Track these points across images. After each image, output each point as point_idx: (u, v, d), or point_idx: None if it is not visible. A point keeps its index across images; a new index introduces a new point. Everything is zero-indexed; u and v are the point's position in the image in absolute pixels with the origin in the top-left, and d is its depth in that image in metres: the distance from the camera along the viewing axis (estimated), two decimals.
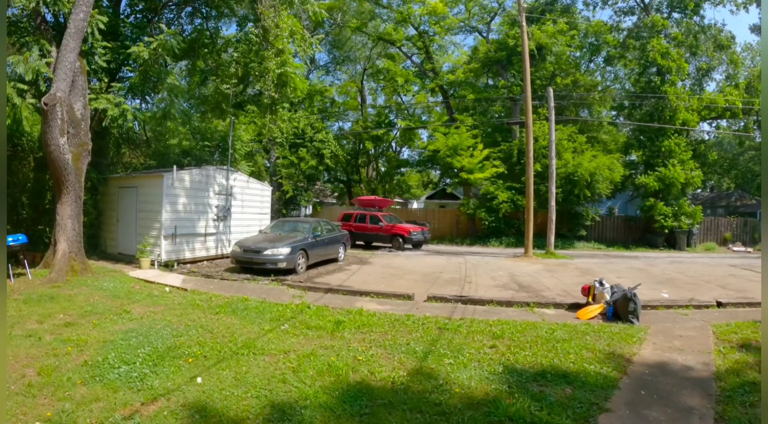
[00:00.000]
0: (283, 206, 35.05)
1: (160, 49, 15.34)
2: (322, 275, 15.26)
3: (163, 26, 16.57)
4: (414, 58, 43.30)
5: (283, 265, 14.71)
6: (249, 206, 20.12)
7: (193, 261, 17.02)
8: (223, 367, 6.50)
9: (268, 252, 14.69)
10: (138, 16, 18.94)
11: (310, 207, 38.34)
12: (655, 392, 6.32)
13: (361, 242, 27.20)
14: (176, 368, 6.42)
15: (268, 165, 35.37)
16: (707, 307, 12.01)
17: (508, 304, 11.59)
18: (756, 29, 51.80)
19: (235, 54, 18.80)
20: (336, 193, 50.73)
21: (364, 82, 47.88)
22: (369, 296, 12.02)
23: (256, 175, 28.30)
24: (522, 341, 8.19)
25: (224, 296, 11.36)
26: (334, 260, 18.66)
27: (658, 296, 12.88)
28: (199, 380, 6.03)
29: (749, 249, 32.81)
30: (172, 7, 19.77)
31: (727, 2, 37.48)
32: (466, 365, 6.86)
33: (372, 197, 30.10)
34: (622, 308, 10.34)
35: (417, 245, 27.17)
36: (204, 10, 19.72)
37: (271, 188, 23.06)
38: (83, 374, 6.09)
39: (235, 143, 23.80)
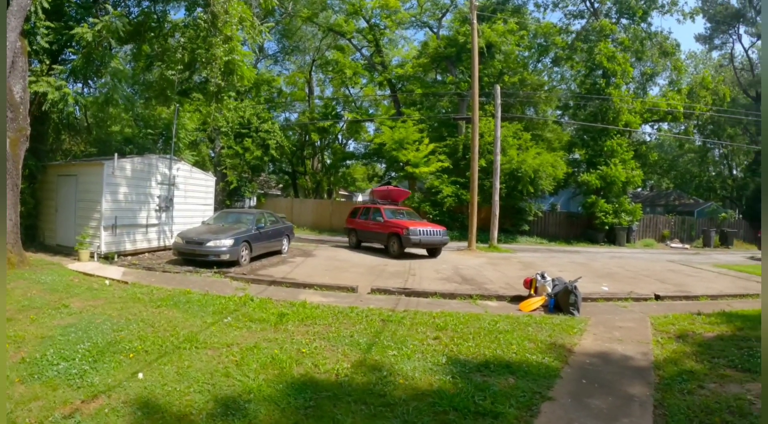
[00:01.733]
0: (227, 197, 34.63)
1: (104, 32, 14.88)
2: (265, 268, 15.17)
3: (109, 7, 16.10)
4: (364, 50, 43.35)
5: (226, 257, 14.53)
6: (192, 197, 19.78)
7: (135, 253, 16.59)
8: (165, 362, 6.39)
9: (210, 244, 14.47)
10: None
11: (255, 199, 37.97)
12: (596, 381, 6.52)
13: (371, 244, 22.43)
14: (117, 363, 6.29)
15: (213, 155, 34.86)
16: (646, 300, 12.61)
17: (452, 296, 11.81)
18: (700, 38, 53.99)
19: (183, 39, 18.19)
20: (281, 185, 50.41)
21: (313, 74, 47.66)
22: (313, 289, 12.04)
23: (200, 165, 27.69)
24: (465, 333, 8.34)
25: (166, 288, 11.18)
26: (278, 252, 18.58)
27: (599, 289, 13.36)
28: (140, 375, 5.91)
29: (686, 246, 34.54)
30: None
31: (675, 12, 39.47)
32: (410, 357, 6.95)
33: (385, 188, 24.53)
34: (563, 301, 10.69)
35: (431, 252, 20.59)
36: None
37: (214, 179, 22.71)
38: (21, 371, 5.92)
39: (179, 132, 23.31)
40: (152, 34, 18.77)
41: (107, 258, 15.21)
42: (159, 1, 19.07)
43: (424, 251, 20.65)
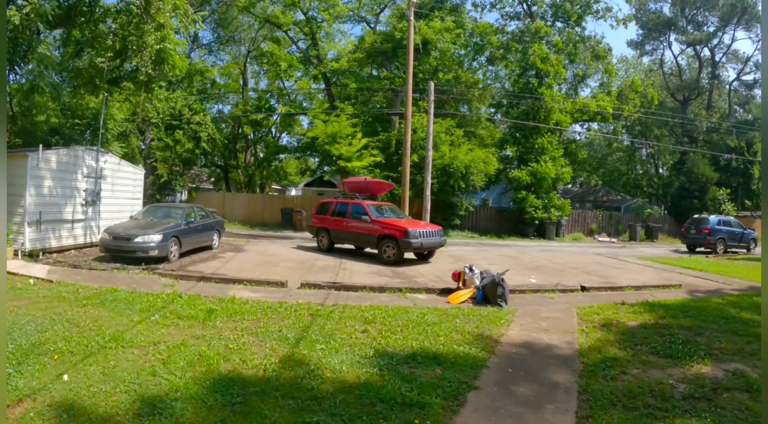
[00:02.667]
0: (157, 191, 33.96)
1: (33, 14, 14.33)
2: (195, 263, 15.16)
3: None
4: (300, 43, 43.14)
5: (154, 253, 14.34)
6: (120, 191, 19.42)
7: (61, 250, 16.19)
8: (90, 362, 6.29)
9: (138, 239, 14.28)
10: None
11: (186, 193, 37.45)
12: (522, 370, 6.80)
13: (346, 246, 19.99)
14: (42, 365, 6.15)
15: (143, 147, 34.18)
16: (572, 291, 13.21)
17: (381, 290, 12.02)
18: (632, 44, 56.75)
19: (114, 25, 17.60)
20: (213, 179, 49.86)
21: (248, 65, 47.12)
22: (242, 284, 12.04)
23: (129, 157, 27.19)
24: (393, 326, 8.54)
25: (92, 286, 10.95)
26: (209, 248, 18.47)
27: (527, 282, 13.91)
28: (65, 377, 5.80)
29: (614, 240, 36.32)
30: None
31: (609, 17, 41.35)
32: (338, 350, 7.07)
33: (361, 179, 22.00)
34: (491, 293, 11.06)
35: (424, 255, 18.49)
36: None
37: (143, 172, 22.29)
38: None
39: (108, 122, 22.85)
40: (83, 18, 17.92)
41: (32, 255, 14.85)
42: None
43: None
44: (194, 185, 41.29)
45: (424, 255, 18.31)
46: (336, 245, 19.90)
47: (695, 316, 10.40)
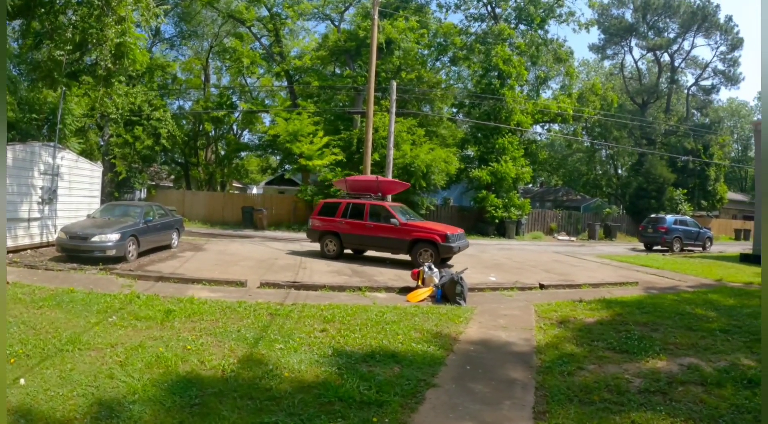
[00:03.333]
0: (116, 189, 33.52)
1: None
2: (154, 263, 14.94)
3: None
4: (263, 40, 43.13)
5: (112, 252, 14.05)
6: (78, 188, 19.05)
7: (16, 250, 15.78)
8: (47, 365, 6.17)
9: (96, 239, 13.97)
10: None
11: (145, 190, 37.04)
12: (480, 367, 6.90)
13: (354, 251, 18.64)
14: None
15: (102, 143, 33.75)
16: (531, 289, 13.53)
17: (341, 289, 12.03)
18: (593, 48, 58.43)
19: (75, 17, 17.09)
20: (173, 177, 49.38)
21: (210, 61, 46.84)
22: (201, 284, 11.91)
23: (87, 153, 26.79)
24: (352, 324, 8.59)
25: (48, 287, 10.64)
26: (168, 247, 18.20)
27: (486, 280, 14.19)
28: (22, 381, 5.67)
29: (573, 238, 37.40)
30: None
31: (572, 21, 42.39)
32: (297, 350, 7.07)
33: (371, 178, 20.43)
34: (449, 291, 11.21)
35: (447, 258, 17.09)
36: None
37: (101, 168, 21.81)
38: None
39: (66, 117, 22.53)
40: (43, 9, 17.40)
41: None
42: None
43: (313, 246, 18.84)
44: (154, 183, 40.73)
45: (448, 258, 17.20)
46: (345, 251, 18.25)
47: (651, 312, 10.73)
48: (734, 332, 9.22)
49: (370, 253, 18.56)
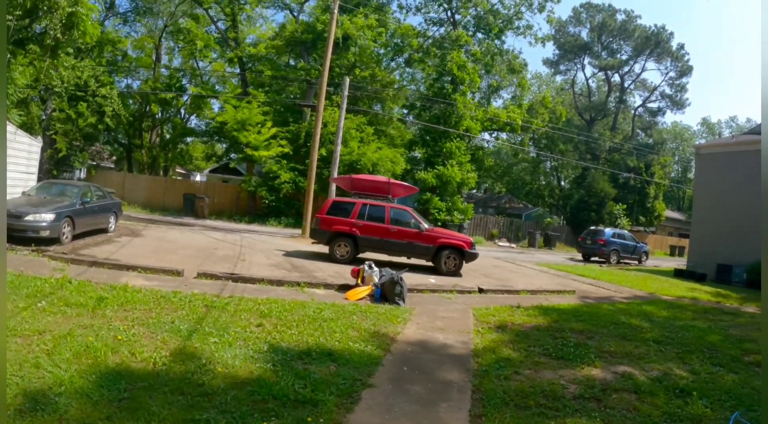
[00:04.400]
0: (55, 167, 32.50)
1: None
2: (89, 247, 14.39)
3: None
4: (220, 24, 42.60)
5: (46, 233, 13.51)
6: (14, 164, 18.13)
7: None
8: None
9: (29, 218, 13.39)
10: None
11: (85, 170, 36.27)
12: (417, 368, 6.90)
13: (370, 255, 17.17)
14: None
15: (44, 117, 32.92)
16: (470, 292, 13.66)
17: (280, 283, 11.91)
18: (547, 62, 60.45)
19: None
20: (115, 158, 48.40)
21: (163, 40, 45.73)
22: (137, 271, 11.58)
23: (27, 127, 25.89)
24: (289, 320, 8.43)
25: None
26: (104, 231, 17.47)
27: (426, 281, 14.23)
28: None
29: (513, 245, 38.43)
30: None
31: (529, 35, 44.35)
32: (232, 344, 6.90)
33: (382, 179, 19.63)
34: (389, 291, 11.25)
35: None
36: None
37: (41, 144, 21.05)
38: None
39: (8, 87, 22.14)
40: None
41: None
42: None
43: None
44: (95, 163, 39.88)
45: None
46: (359, 255, 17.06)
47: (587, 320, 11.00)
48: (667, 343, 9.58)
49: (313, 248, 18.46)
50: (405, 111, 46.02)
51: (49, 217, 13.80)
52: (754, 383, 7.49)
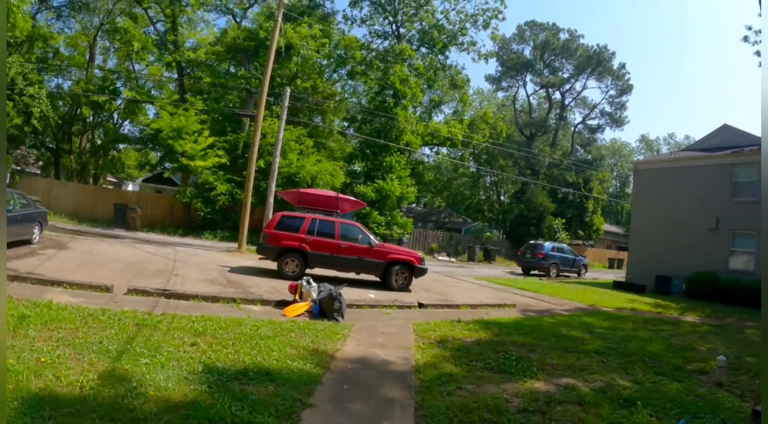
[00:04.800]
0: None
1: None
2: (10, 259, 13.67)
3: None
4: (159, 25, 41.72)
5: None
6: None
7: None
8: None
9: None
10: None
11: (8, 175, 34.96)
12: (357, 386, 6.79)
13: (321, 271, 17.14)
14: None
15: None
16: (410, 307, 13.65)
17: (215, 299, 11.65)
18: (489, 79, 62.35)
19: None
20: (41, 163, 46.75)
21: (98, 39, 44.26)
22: (62, 287, 11.01)
23: None
24: (225, 339, 8.23)
25: None
26: (27, 242, 16.84)
27: (365, 297, 14.20)
28: None
29: (453, 259, 38.87)
30: None
31: (472, 51, 45.47)
32: (164, 365, 6.64)
33: (331, 194, 19.73)
34: (327, 306, 11.12)
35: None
36: None
37: None
38: None
39: None
40: None
41: None
42: None
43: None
44: (19, 168, 38.28)
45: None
46: (309, 270, 16.87)
47: (528, 334, 11.09)
48: (609, 354, 9.75)
49: (249, 263, 18.35)
50: (345, 124, 46.25)
51: None
52: (699, 391, 7.72)
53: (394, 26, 43.83)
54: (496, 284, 22.41)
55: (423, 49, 42.67)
